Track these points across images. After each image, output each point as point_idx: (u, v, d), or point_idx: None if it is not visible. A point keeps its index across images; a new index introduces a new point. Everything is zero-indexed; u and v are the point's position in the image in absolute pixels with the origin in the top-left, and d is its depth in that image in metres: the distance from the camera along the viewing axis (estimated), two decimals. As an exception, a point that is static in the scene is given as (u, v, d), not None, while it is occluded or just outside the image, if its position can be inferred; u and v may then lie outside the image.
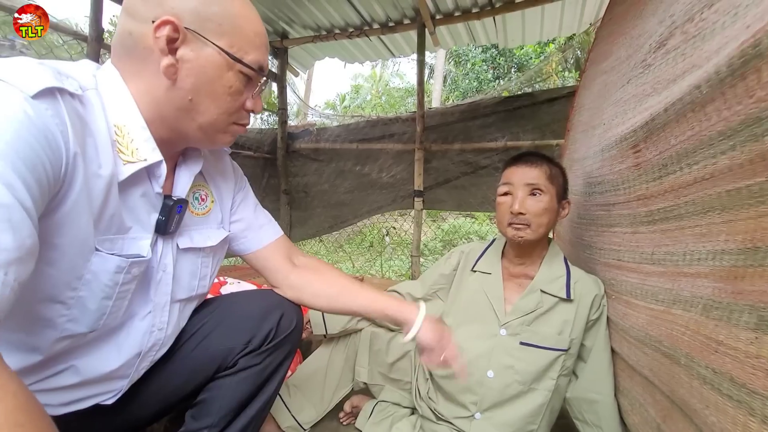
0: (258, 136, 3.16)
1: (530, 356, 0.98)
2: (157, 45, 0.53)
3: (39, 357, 0.54)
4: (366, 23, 2.70)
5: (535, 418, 0.98)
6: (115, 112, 0.54)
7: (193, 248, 0.69)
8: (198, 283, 0.71)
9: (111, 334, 0.61)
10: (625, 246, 0.90)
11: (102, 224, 0.53)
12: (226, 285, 1.48)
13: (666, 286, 0.73)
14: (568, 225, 1.31)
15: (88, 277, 0.52)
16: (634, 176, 0.81)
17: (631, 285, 0.87)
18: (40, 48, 2.09)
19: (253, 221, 0.81)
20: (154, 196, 0.60)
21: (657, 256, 0.76)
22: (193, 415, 0.75)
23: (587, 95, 1.35)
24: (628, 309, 0.89)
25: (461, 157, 2.71)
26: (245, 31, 0.57)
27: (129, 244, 0.57)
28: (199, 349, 0.74)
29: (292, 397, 1.14)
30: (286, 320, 0.79)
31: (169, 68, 0.54)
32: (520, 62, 9.09)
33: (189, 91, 0.56)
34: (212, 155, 0.76)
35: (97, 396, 0.62)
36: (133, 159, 0.55)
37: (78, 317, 0.54)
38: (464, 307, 1.09)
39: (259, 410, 0.78)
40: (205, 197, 0.72)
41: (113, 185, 0.53)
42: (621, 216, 0.90)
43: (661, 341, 0.73)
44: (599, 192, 1.00)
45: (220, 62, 0.56)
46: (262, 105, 0.66)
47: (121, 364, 0.62)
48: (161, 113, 0.57)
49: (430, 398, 1.10)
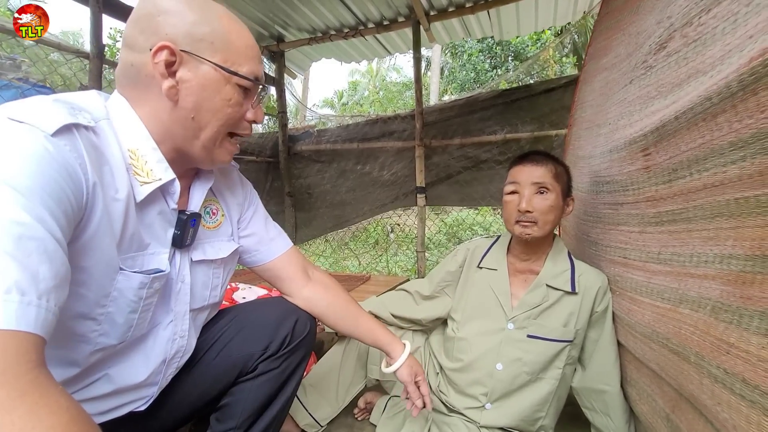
0: (260, 140, 3.20)
1: (537, 348, 1.02)
2: (157, 70, 0.56)
3: (77, 369, 0.58)
4: (361, 23, 2.71)
5: (542, 406, 1.02)
6: (127, 138, 0.58)
7: (206, 260, 0.72)
8: (210, 293, 0.75)
9: (138, 343, 0.65)
10: (632, 244, 0.92)
11: (123, 244, 0.57)
12: (238, 291, 1.52)
13: (672, 285, 0.75)
14: (574, 221, 1.33)
15: (114, 294, 0.56)
16: (643, 178, 0.83)
17: (636, 282, 0.89)
18: (42, 66, 2.13)
19: (264, 235, 0.85)
20: (170, 213, 0.64)
21: (663, 256, 0.78)
22: (218, 417, 0.80)
23: (589, 91, 1.35)
24: (633, 305, 0.92)
25: (461, 151, 2.73)
26: (236, 45, 0.60)
27: (149, 260, 0.61)
28: (221, 356, 0.79)
29: (308, 396, 1.18)
30: (301, 325, 0.84)
31: (171, 90, 0.57)
32: (517, 50, 9.03)
33: (191, 109, 0.59)
34: (221, 172, 0.79)
35: (131, 403, 0.67)
36: (149, 180, 0.58)
37: (108, 331, 0.58)
38: (472, 303, 1.13)
39: (279, 411, 0.82)
40: (216, 211, 0.76)
41: (130, 206, 0.57)
42: (629, 215, 0.92)
43: (669, 338, 0.75)
44: (607, 191, 1.02)
45: (217, 78, 0.59)
46: (263, 114, 0.69)
47: (150, 371, 0.66)
48: (169, 134, 0.61)
49: (441, 391, 1.14)
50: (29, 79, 1.80)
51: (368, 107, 12.12)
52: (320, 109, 13.47)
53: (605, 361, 1.03)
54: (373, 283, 2.34)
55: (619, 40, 1.13)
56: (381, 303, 1.27)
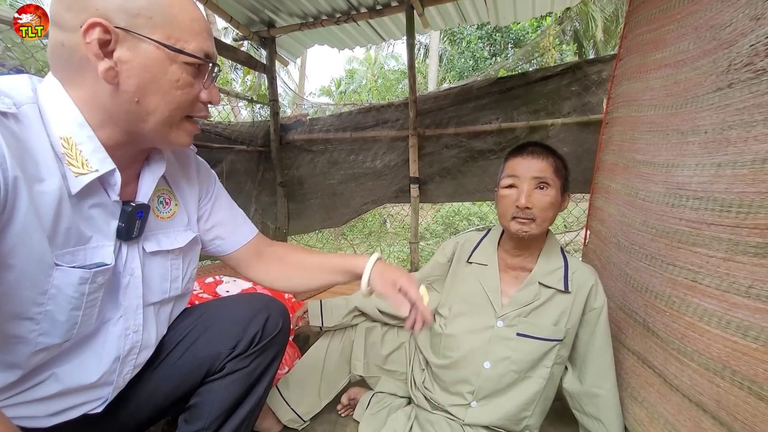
0: (251, 129, 3.13)
1: (526, 347, 0.98)
2: (90, 50, 0.50)
3: (19, 372, 0.55)
4: (353, 8, 2.63)
5: (529, 405, 0.99)
6: (59, 125, 0.53)
7: (161, 251, 0.69)
8: (170, 285, 0.71)
9: (88, 341, 0.62)
10: (708, 270, 0.85)
11: (58, 239, 0.52)
12: (222, 284, 1.49)
13: (765, 325, 0.70)
14: (619, 227, 1.23)
15: (52, 291, 0.53)
16: (763, 203, 0.74)
17: (704, 310, 0.84)
18: (20, 52, 2.06)
19: (228, 223, 0.81)
20: (112, 204, 0.60)
21: (756, 291, 0.73)
22: (186, 418, 0.77)
23: (641, 89, 1.23)
24: (691, 332, 0.86)
25: (455, 141, 2.68)
26: (180, 19, 0.55)
27: (92, 254, 0.57)
28: (186, 355, 0.75)
29: (291, 390, 1.16)
30: (272, 323, 0.80)
31: (108, 72, 0.52)
32: (517, 38, 8.89)
33: (134, 92, 0.54)
34: (177, 159, 0.75)
35: (84, 405, 0.63)
36: (84, 170, 0.54)
37: (49, 330, 0.54)
38: (460, 298, 1.09)
39: (250, 411, 0.79)
40: (168, 201, 0.72)
41: (64, 199, 0.52)
42: (714, 239, 0.84)
43: (760, 383, 0.70)
44: (692, 207, 0.92)
45: (161, 57, 0.53)
46: (218, 95, 0.63)
47: (103, 370, 0.62)
48: (111, 118, 0.56)
49: (426, 387, 1.11)
50: (5, 64, 1.74)
51: (366, 95, 12.00)
52: (318, 97, 13.33)
53: (599, 363, 1.00)
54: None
55: (678, 33, 1.03)
56: (368, 298, 1.24)
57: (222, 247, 0.81)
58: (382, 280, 0.76)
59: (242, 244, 0.82)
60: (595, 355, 1.00)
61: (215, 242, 0.81)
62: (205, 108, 0.62)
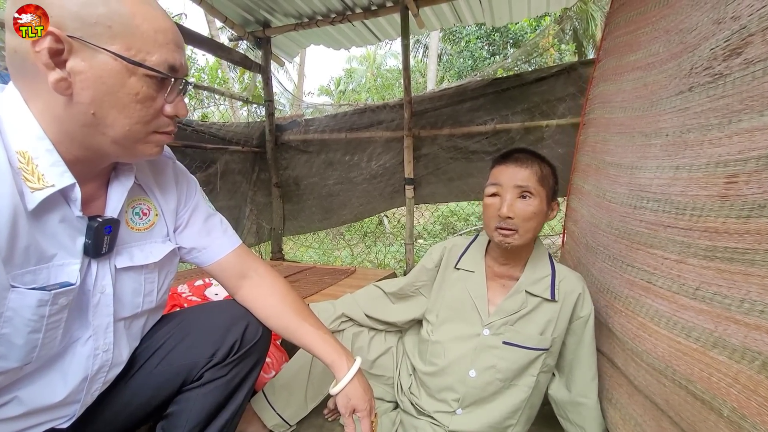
0: (246, 129, 3.11)
1: (513, 355, 0.98)
2: (39, 60, 0.47)
3: None
4: (348, 8, 2.61)
5: (514, 414, 0.99)
6: (16, 138, 0.50)
7: (134, 266, 0.66)
8: (143, 300, 0.69)
9: (53, 362, 0.59)
10: (662, 271, 0.85)
11: (16, 258, 0.50)
12: (210, 287, 1.48)
13: (707, 326, 0.70)
14: (588, 228, 1.23)
15: (8, 314, 0.50)
16: (714, 207, 0.74)
17: (656, 311, 0.84)
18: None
19: (207, 233, 0.79)
20: (76, 220, 0.57)
21: (702, 293, 0.72)
22: (164, 427, 0.76)
23: (614, 91, 1.23)
24: (642, 332, 0.86)
25: (451, 142, 2.66)
26: (144, 29, 0.51)
27: (56, 273, 0.55)
28: (162, 364, 0.74)
29: (277, 394, 1.15)
30: (252, 330, 0.79)
31: (60, 83, 0.49)
32: (516, 37, 8.86)
33: (89, 104, 0.51)
34: (152, 167, 0.72)
35: (49, 422, 0.62)
36: (40, 186, 0.51)
37: (6, 354, 0.52)
38: (447, 305, 1.08)
39: (229, 420, 0.78)
40: (147, 211, 0.69)
41: (19, 216, 0.49)
42: (669, 240, 0.84)
43: (692, 381, 0.70)
44: (651, 209, 0.92)
45: (118, 69, 0.50)
46: (186, 108, 0.60)
47: (69, 390, 0.60)
48: (67, 132, 0.53)
49: (412, 393, 1.11)
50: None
51: (365, 95, 11.97)
52: (317, 97, 13.31)
53: (584, 373, 0.99)
54: (357, 276, 2.29)
55: (651, 36, 1.03)
56: (355, 303, 1.23)
57: (202, 256, 0.79)
58: (346, 402, 0.78)
59: (222, 255, 0.80)
60: (581, 363, 0.99)
61: (192, 253, 0.78)
62: (170, 123, 0.59)
